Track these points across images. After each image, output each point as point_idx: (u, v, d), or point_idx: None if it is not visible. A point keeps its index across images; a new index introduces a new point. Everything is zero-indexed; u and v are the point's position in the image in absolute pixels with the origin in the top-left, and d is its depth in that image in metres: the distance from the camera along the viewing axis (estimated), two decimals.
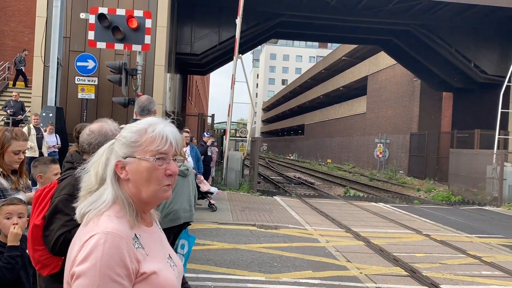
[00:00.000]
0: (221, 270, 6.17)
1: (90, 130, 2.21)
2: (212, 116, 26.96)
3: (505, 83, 17.42)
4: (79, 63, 13.13)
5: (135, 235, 1.27)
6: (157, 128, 1.32)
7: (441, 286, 5.88)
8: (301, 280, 5.88)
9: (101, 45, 10.82)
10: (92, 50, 13.12)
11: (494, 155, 16.56)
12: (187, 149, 8.75)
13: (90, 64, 13.02)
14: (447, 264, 7.12)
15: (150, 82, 15.69)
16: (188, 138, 8.93)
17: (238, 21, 15.50)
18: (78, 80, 13.14)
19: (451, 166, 19.37)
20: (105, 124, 2.24)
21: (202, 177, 9.79)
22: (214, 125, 30.03)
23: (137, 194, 1.31)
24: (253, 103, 18.66)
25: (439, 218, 12.21)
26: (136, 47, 10.81)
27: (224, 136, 19.03)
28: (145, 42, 10.75)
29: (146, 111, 4.16)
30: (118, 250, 1.20)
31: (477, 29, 20.19)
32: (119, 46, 10.78)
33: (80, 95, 13.23)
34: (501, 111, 17.43)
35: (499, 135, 17.62)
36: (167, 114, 17.59)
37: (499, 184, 15.88)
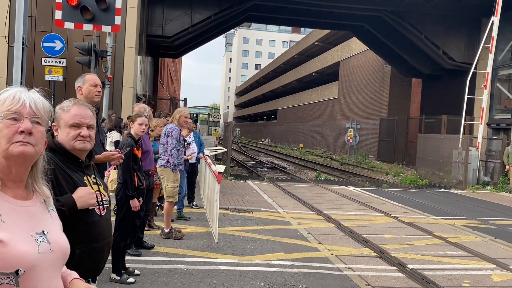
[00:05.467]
0: (194, 253, 6.19)
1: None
2: (185, 100, 26.66)
3: (472, 70, 17.90)
4: (45, 44, 12.68)
5: None
6: (10, 90, 1.38)
7: (408, 266, 6.08)
8: (273, 262, 5.97)
9: (69, 25, 10.46)
10: (60, 30, 12.68)
11: (460, 140, 17.08)
12: (191, 135, 8.70)
13: (58, 45, 12.59)
14: (414, 245, 7.36)
15: (120, 64, 15.34)
16: (194, 126, 8.91)
17: None
18: (45, 61, 12.71)
19: (419, 151, 19.90)
20: (60, 104, 2.18)
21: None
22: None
23: None
24: None
25: (407, 201, 12.57)
26: (106, 28, 10.51)
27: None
28: (115, 23, 10.45)
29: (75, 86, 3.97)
30: None
31: (446, 16, 20.60)
32: (88, 27, 10.45)
33: (47, 77, 12.81)
34: (467, 97, 17.94)
35: (465, 120, 18.16)
36: (138, 97, 17.28)
37: (464, 168, 16.44)
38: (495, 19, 17.26)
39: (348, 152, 34.04)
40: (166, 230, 6.91)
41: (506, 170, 16.10)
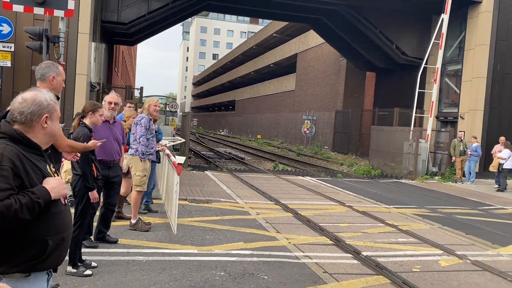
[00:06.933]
0: (153, 244, 6.14)
1: (23, 98, 2.08)
2: (141, 89, 26.09)
3: (423, 65, 18.63)
4: None
5: None
6: None
7: (362, 253, 6.32)
8: (233, 252, 6.03)
9: (18, 8, 9.92)
10: (8, 13, 12.00)
11: (411, 132, 17.80)
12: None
13: (5, 28, 11.93)
14: (368, 233, 7.65)
15: (73, 51, 14.78)
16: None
17: None
18: None
19: (372, 142, 20.55)
20: (39, 93, 2.11)
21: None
22: (143, 98, 29.08)
23: None
24: None
25: (361, 190, 12.99)
26: (58, 13, 10.05)
27: None
28: (68, 7, 10.02)
29: (39, 76, 3.80)
30: None
31: (399, 12, 21.26)
32: (38, 11, 9.96)
33: None
34: (418, 91, 18.68)
35: (415, 113, 18.91)
36: (92, 86, 16.73)
37: (414, 159, 17.17)
38: (445, 17, 18.03)
39: (305, 143, 34.60)
40: (133, 221, 6.80)
41: (452, 161, 16.97)
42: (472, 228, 8.53)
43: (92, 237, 5.88)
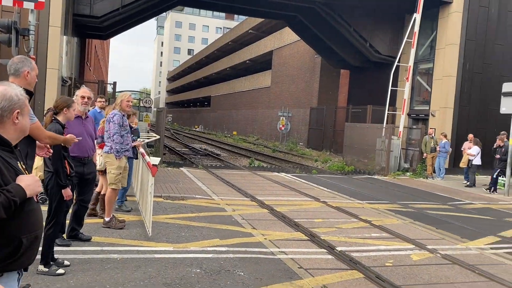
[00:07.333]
0: (127, 242, 6.06)
1: None
2: (114, 84, 25.62)
3: (395, 63, 18.99)
4: None
5: None
6: None
7: (337, 248, 6.42)
8: (208, 248, 6.02)
9: None
10: None
11: (383, 129, 18.14)
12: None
13: None
14: (342, 228, 7.76)
15: (44, 44, 14.40)
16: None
17: None
18: None
19: (345, 139, 20.84)
20: (9, 88, 2.05)
21: None
22: (116, 93, 28.57)
23: None
24: None
25: (335, 186, 13.16)
26: (28, 5, 9.75)
27: None
28: None
29: (12, 71, 3.71)
30: None
31: (373, 11, 21.58)
32: (7, 2, 9.64)
33: None
34: (391, 89, 19.04)
35: (388, 110, 19.28)
36: (63, 81, 16.34)
37: (386, 155, 17.50)
38: (417, 16, 18.41)
39: (280, 139, 34.77)
40: (107, 219, 6.69)
41: (423, 157, 17.38)
42: (442, 223, 8.78)
43: (64, 235, 5.76)
